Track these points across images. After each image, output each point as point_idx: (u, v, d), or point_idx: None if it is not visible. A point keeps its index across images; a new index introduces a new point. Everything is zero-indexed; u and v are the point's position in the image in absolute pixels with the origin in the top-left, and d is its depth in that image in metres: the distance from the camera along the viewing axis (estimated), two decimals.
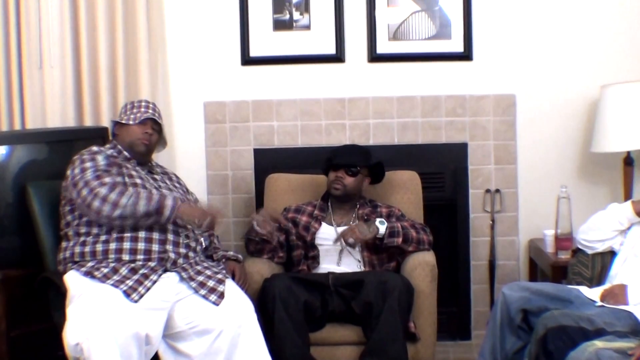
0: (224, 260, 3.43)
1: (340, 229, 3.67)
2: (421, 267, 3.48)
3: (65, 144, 3.62)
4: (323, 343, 3.39)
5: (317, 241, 3.69)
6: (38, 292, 3.37)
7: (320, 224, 3.74)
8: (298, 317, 3.29)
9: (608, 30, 4.19)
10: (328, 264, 3.64)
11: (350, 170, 3.71)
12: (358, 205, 3.80)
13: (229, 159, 4.32)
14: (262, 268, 3.52)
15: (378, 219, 3.59)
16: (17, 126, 4.17)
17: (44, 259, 3.39)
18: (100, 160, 3.23)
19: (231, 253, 3.49)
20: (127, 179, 3.22)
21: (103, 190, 3.07)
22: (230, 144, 4.31)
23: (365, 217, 3.72)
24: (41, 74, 4.17)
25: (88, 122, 4.17)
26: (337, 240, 3.56)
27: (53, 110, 4.17)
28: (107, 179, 3.13)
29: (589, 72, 4.19)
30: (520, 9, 4.21)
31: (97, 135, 3.65)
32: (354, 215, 3.77)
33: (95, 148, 3.30)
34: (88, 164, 3.20)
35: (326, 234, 3.70)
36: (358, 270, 3.60)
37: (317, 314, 3.40)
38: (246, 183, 4.33)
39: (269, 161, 4.26)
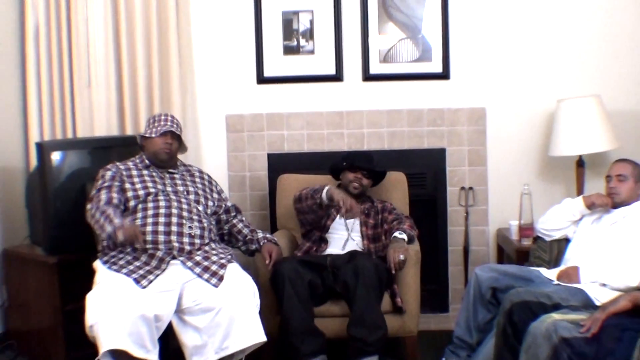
0: (264, 241, 3.44)
1: (348, 221, 3.69)
2: (407, 252, 3.48)
3: (109, 149, 3.62)
4: (325, 315, 3.39)
5: (330, 230, 3.70)
6: (87, 273, 3.39)
7: (337, 213, 3.69)
8: (304, 294, 3.29)
9: (563, 55, 4.19)
10: (334, 248, 3.64)
11: (366, 173, 3.72)
12: (361, 200, 3.79)
13: (247, 162, 4.32)
14: None
15: (397, 232, 3.53)
16: (69, 135, 4.18)
17: (96, 246, 3.40)
18: (110, 175, 3.29)
19: (270, 236, 3.49)
20: (137, 185, 3.28)
21: (91, 210, 3.17)
22: (248, 150, 4.31)
23: (366, 212, 3.73)
24: (89, 91, 4.18)
25: (129, 131, 4.18)
26: (396, 265, 3.36)
27: (99, 122, 4.17)
28: (103, 196, 3.19)
29: (547, 89, 4.19)
30: (490, 37, 4.21)
31: (136, 142, 3.67)
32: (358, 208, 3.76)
33: (110, 172, 3.32)
34: (98, 183, 3.28)
35: (336, 223, 3.71)
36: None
37: (320, 291, 3.39)
38: (261, 182, 4.33)
39: (280, 164, 4.26)
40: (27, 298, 3.73)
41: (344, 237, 3.67)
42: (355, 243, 3.66)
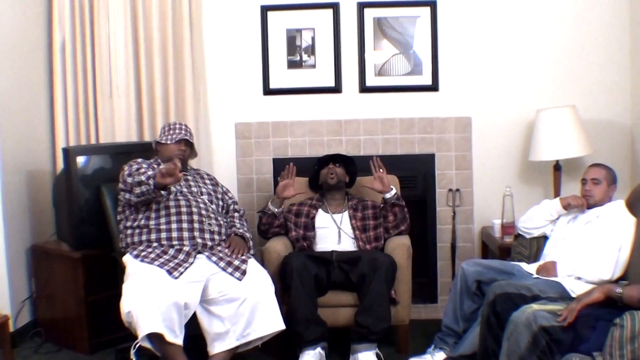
0: (232, 234, 3.38)
1: (336, 216, 3.68)
2: (400, 247, 3.49)
3: (128, 154, 3.62)
4: (327, 305, 3.39)
5: (316, 224, 3.68)
6: (108, 267, 3.38)
7: (317, 210, 3.73)
8: (310, 286, 3.29)
9: (541, 69, 4.20)
10: (330, 244, 3.62)
11: (336, 162, 3.74)
12: (348, 198, 3.79)
13: (254, 166, 4.32)
14: (279, 249, 3.52)
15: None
16: (93, 141, 4.19)
17: (113, 242, 3.41)
18: (140, 161, 3.30)
19: (240, 230, 3.42)
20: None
21: (126, 174, 3.18)
22: (255, 155, 4.31)
23: (354, 207, 3.72)
24: (111, 101, 4.19)
25: (147, 137, 4.19)
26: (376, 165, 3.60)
27: (120, 129, 4.19)
28: (135, 172, 3.18)
29: (527, 100, 4.20)
30: (475, 53, 4.22)
31: (152, 148, 3.67)
32: (344, 204, 3.76)
33: (139, 160, 3.34)
34: (131, 163, 3.28)
35: (323, 219, 3.70)
36: (353, 246, 3.61)
37: (323, 283, 3.40)
38: (267, 184, 4.32)
39: (285, 168, 4.23)
40: (54, 289, 3.73)
41: (334, 231, 3.66)
42: (348, 235, 3.65)
